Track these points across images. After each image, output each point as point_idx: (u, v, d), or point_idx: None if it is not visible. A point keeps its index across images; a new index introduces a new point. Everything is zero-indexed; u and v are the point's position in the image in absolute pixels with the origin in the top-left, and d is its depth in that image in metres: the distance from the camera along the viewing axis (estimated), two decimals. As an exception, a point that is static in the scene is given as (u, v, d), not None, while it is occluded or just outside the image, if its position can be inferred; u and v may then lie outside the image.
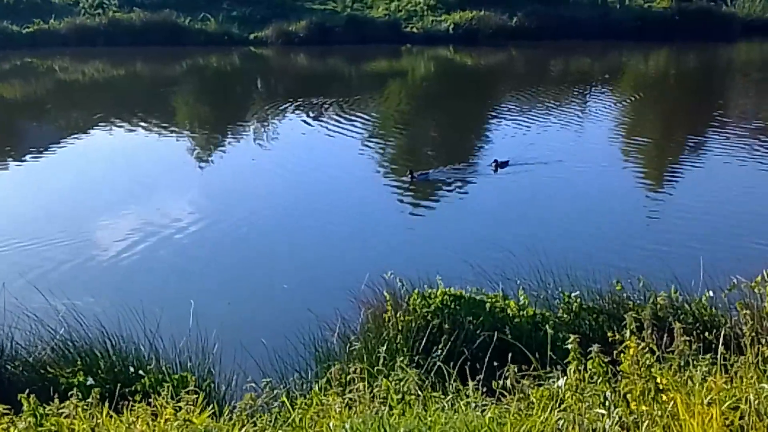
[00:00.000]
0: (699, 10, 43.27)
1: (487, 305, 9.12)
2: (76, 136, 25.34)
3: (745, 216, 16.76)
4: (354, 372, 6.79)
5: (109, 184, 19.96)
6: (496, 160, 19.73)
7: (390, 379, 6.76)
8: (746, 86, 34.20)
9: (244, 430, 6.29)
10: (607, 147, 22.87)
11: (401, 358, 7.80)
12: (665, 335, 6.60)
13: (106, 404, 6.72)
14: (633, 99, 31.32)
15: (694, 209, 17.29)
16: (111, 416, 6.55)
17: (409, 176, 18.61)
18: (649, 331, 6.23)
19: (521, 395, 5.97)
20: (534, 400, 5.68)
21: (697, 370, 5.77)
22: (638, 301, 9.17)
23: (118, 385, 7.66)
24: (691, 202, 17.86)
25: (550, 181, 19.43)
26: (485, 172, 19.68)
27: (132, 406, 6.73)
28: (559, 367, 6.45)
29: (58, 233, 16.20)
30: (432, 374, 7.15)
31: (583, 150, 22.22)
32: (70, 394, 6.57)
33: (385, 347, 8.36)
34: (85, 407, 6.40)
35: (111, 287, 13.49)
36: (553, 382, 5.90)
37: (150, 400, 6.66)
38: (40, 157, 22.76)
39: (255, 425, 6.47)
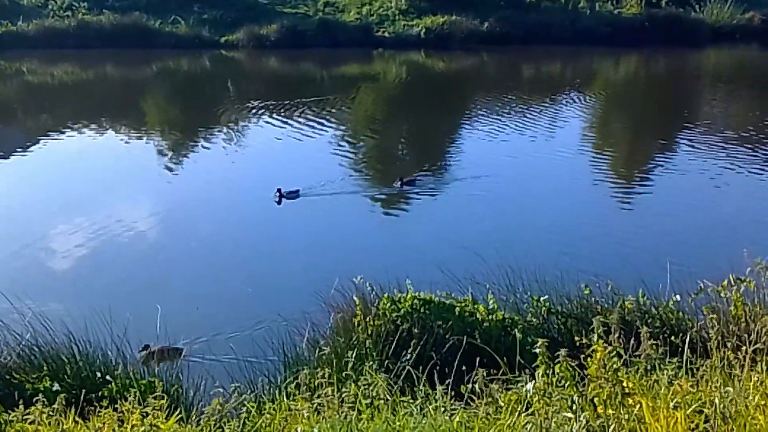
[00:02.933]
0: (668, 17, 43.69)
1: (457, 309, 9.12)
2: (44, 139, 25.09)
3: (712, 221, 16.92)
4: (323, 377, 6.78)
5: (77, 187, 19.82)
6: (401, 178, 18.93)
7: (359, 383, 6.75)
8: (715, 92, 34.54)
9: (211, 435, 6.26)
10: (576, 153, 22.98)
11: (370, 363, 7.79)
12: (632, 339, 6.62)
13: (72, 410, 6.65)
14: (603, 104, 31.56)
15: (662, 214, 17.42)
16: (77, 422, 6.49)
17: (277, 195, 17.94)
18: (617, 335, 6.25)
19: (490, 399, 5.98)
20: (502, 404, 5.69)
21: (663, 374, 5.81)
22: (606, 305, 9.20)
23: (84, 390, 7.56)
24: (659, 207, 18.00)
25: (519, 187, 19.50)
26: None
27: (98, 411, 6.67)
28: (527, 371, 6.46)
29: (24, 237, 16.07)
30: (401, 379, 7.15)
31: (552, 156, 22.30)
32: (35, 400, 6.51)
33: (354, 352, 8.34)
34: (50, 413, 6.33)
35: (78, 292, 13.39)
36: (522, 386, 5.91)
37: (117, 405, 6.61)
38: (7, 160, 22.53)
39: (223, 431, 6.44)
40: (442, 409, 6.11)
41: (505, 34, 41.76)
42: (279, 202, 17.83)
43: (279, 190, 17.95)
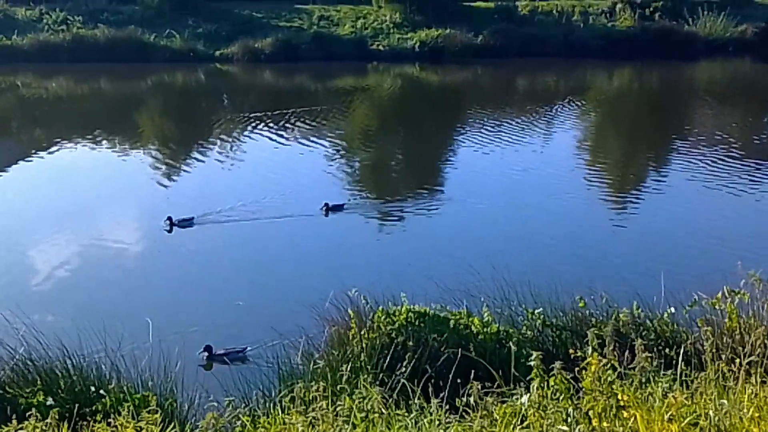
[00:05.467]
0: (662, 30, 43.85)
1: (452, 322, 9.12)
2: (39, 152, 25.05)
3: (706, 233, 16.93)
4: (317, 390, 6.75)
5: (70, 201, 19.80)
6: (326, 204, 18.07)
7: (354, 397, 6.73)
8: (708, 105, 34.63)
9: (205, 449, 6.22)
10: (570, 165, 23.01)
11: (365, 376, 7.78)
12: (627, 352, 6.62)
13: (66, 424, 6.63)
14: (597, 117, 31.66)
15: (656, 226, 17.46)
16: (70, 437, 6.47)
17: (167, 223, 17.11)
18: (611, 348, 6.25)
19: (485, 412, 5.96)
20: (497, 417, 5.68)
21: (658, 387, 5.80)
22: (601, 318, 9.20)
23: (78, 405, 7.53)
24: (653, 218, 18.04)
25: (513, 199, 19.51)
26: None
27: (92, 426, 6.64)
28: (522, 383, 6.44)
29: (18, 250, 16.07)
30: (396, 392, 7.12)
31: (546, 168, 22.34)
32: (28, 414, 6.46)
33: (349, 365, 8.31)
34: (43, 428, 6.30)
35: (71, 306, 13.36)
36: (517, 399, 5.90)
37: (110, 420, 6.58)
38: (2, 174, 22.49)
39: (217, 445, 6.41)
40: (437, 422, 6.09)
41: (500, 47, 41.87)
42: (170, 231, 17.09)
43: (170, 218, 17.14)
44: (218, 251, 16.31)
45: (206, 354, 11.31)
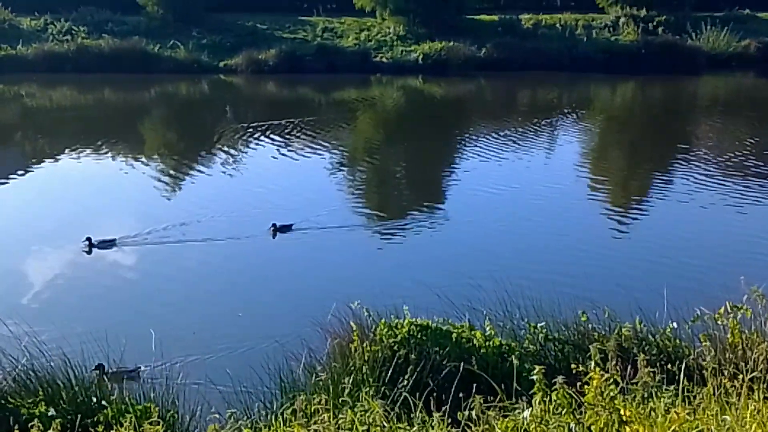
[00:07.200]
0: (665, 44, 43.91)
1: (454, 335, 9.11)
2: (42, 162, 25.14)
3: (709, 248, 16.92)
4: (319, 403, 6.75)
5: (74, 211, 19.79)
6: (274, 224, 17.43)
7: (355, 410, 6.73)
8: (711, 119, 34.64)
9: (207, 461, 6.23)
10: (572, 179, 23.02)
11: (367, 389, 7.78)
12: (629, 366, 6.62)
13: (67, 435, 6.64)
14: (599, 131, 31.66)
15: (658, 240, 17.41)
16: (72, 448, 6.47)
17: (86, 243, 16.38)
18: (614, 363, 6.26)
19: (486, 426, 5.96)
20: (499, 431, 5.67)
21: (660, 402, 5.80)
22: (603, 332, 9.18)
23: (80, 415, 7.54)
24: (656, 233, 18.00)
25: (515, 213, 19.48)
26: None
27: (94, 437, 6.65)
28: (524, 398, 6.44)
29: (21, 260, 16.08)
30: (398, 405, 7.12)
31: (549, 182, 22.33)
32: (30, 425, 6.48)
33: (351, 378, 8.32)
34: (45, 438, 6.32)
35: (74, 316, 13.34)
36: (519, 413, 5.91)
37: (112, 431, 6.59)
38: (5, 183, 22.53)
39: (219, 457, 6.41)
40: (439, 436, 6.09)
41: (503, 60, 41.95)
42: (89, 252, 16.41)
43: (89, 239, 16.41)
44: (223, 263, 16.29)
45: (97, 372, 11.04)
